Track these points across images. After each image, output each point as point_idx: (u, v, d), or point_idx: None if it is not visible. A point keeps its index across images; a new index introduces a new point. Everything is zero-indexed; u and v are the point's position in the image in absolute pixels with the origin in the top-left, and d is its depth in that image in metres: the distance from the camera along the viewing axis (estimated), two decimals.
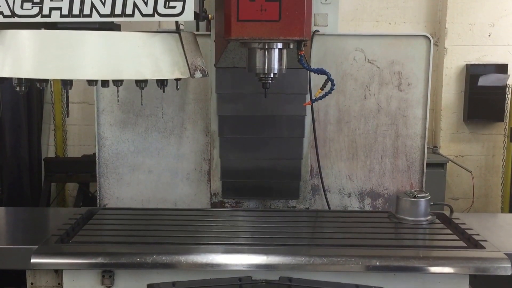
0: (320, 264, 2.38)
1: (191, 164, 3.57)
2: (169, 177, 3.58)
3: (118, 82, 2.66)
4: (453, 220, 2.94)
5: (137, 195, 3.59)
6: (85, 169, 5.62)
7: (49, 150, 6.41)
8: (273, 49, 2.61)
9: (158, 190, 3.59)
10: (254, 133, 3.34)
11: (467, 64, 6.31)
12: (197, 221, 2.90)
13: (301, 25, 2.46)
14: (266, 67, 2.64)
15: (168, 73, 2.24)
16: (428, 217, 2.88)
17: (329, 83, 2.73)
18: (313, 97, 2.91)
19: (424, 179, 3.64)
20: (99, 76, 2.19)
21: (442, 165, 5.92)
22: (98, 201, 3.60)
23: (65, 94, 5.79)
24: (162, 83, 2.42)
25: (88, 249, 2.46)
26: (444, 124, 6.47)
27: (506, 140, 6.27)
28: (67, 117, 5.30)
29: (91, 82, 2.56)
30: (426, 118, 3.56)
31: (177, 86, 2.63)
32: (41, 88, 2.56)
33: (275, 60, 2.63)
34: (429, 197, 2.88)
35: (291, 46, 2.65)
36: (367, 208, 3.62)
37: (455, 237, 2.69)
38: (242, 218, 3.00)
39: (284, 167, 3.40)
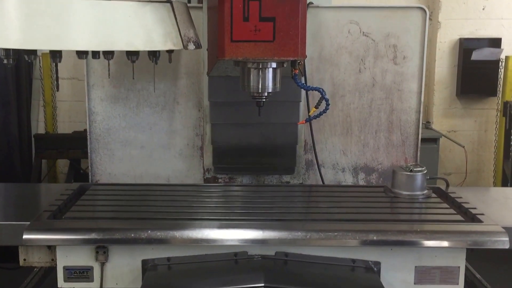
0: (316, 239, 2.36)
1: (184, 140, 3.52)
2: (161, 152, 3.53)
3: (109, 55, 2.61)
4: (449, 194, 2.93)
5: (129, 171, 3.54)
6: (76, 145, 5.55)
7: (39, 126, 6.33)
8: (267, 69, 2.61)
9: (150, 166, 3.54)
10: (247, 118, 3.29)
11: (460, 38, 6.29)
12: (191, 197, 2.86)
13: (296, 45, 2.45)
14: (260, 87, 2.63)
15: (160, 44, 2.19)
16: (425, 191, 2.86)
17: (324, 102, 2.73)
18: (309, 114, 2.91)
19: (418, 154, 3.62)
20: (90, 47, 2.13)
21: (435, 140, 5.91)
22: (90, 177, 3.55)
23: (54, 68, 5.70)
24: (154, 55, 2.35)
25: (81, 225, 2.42)
26: (437, 99, 6.44)
27: (498, 114, 6.26)
28: (57, 91, 5.21)
29: (81, 55, 2.50)
30: (421, 92, 3.52)
31: (169, 59, 2.58)
32: (29, 61, 2.49)
33: (269, 79, 2.63)
34: (425, 171, 2.85)
35: (285, 65, 2.64)
36: (361, 183, 3.60)
37: (452, 211, 2.68)
38: (236, 193, 2.97)
39: (279, 142, 3.36)
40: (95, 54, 2.41)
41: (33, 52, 2.48)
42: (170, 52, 2.58)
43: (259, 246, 2.43)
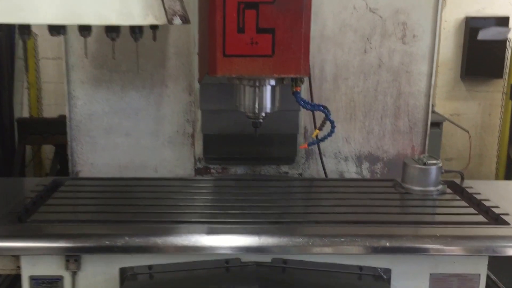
0: (320, 245, 2.06)
1: (173, 126, 3.24)
2: (149, 140, 3.25)
3: (85, 32, 2.30)
4: (466, 189, 2.64)
5: (113, 160, 3.26)
6: (62, 130, 5.16)
7: (23, 110, 6.00)
8: (264, 86, 2.34)
9: (137, 155, 3.26)
10: None
11: (466, 17, 6.03)
12: (178, 193, 2.56)
13: (298, 61, 2.18)
14: (256, 107, 2.37)
15: (139, 18, 1.87)
16: (439, 187, 2.58)
17: (328, 123, 2.50)
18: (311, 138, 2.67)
19: (427, 142, 3.36)
20: (53, 20, 1.81)
21: (438, 125, 5.63)
22: (70, 167, 3.27)
23: (38, 50, 5.39)
24: (134, 31, 2.03)
25: (48, 230, 2.12)
26: (440, 81, 6.18)
27: (504, 97, 6.02)
28: (26, 71, 4.85)
29: (53, 31, 2.20)
30: (432, 74, 3.25)
31: (154, 37, 2.27)
32: (23, 40, 2.19)
33: (267, 98, 2.37)
34: (440, 164, 2.57)
35: (286, 82, 2.36)
36: (365, 172, 3.35)
37: (472, 210, 2.40)
38: (230, 189, 2.66)
39: (278, 130, 3.07)
40: (64, 30, 2.08)
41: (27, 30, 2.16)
42: (154, 28, 2.26)
43: (255, 254, 2.14)
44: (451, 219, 2.32)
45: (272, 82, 2.33)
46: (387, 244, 2.07)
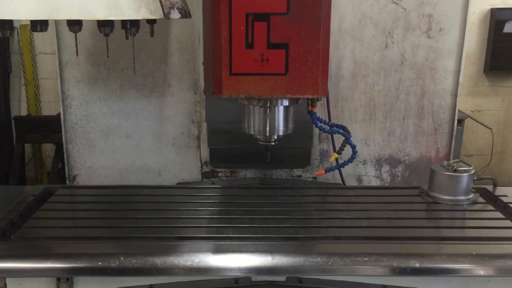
0: (341, 266, 1.80)
1: (177, 128, 2.99)
2: (150, 142, 3.01)
3: (75, 26, 2.05)
4: (499, 197, 2.37)
5: (113, 163, 3.03)
6: (61, 128, 5.00)
7: (20, 107, 5.77)
8: (276, 107, 2.08)
9: (138, 158, 3.03)
10: None
11: (492, 9, 5.76)
12: (182, 203, 2.30)
13: (315, 80, 1.94)
14: (268, 130, 2.12)
15: (130, 11, 1.61)
16: (470, 195, 2.31)
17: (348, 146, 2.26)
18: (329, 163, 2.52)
19: (453, 144, 3.09)
20: (31, 15, 1.57)
21: (459, 122, 5.35)
22: (66, 171, 3.05)
23: (34, 44, 5.14)
24: (126, 26, 1.77)
25: (34, 249, 1.86)
26: (463, 76, 5.88)
27: None
28: (10, 72, 4.61)
29: (35, 27, 1.95)
30: (459, 71, 3.00)
31: (151, 32, 2.01)
32: (4, 36, 1.96)
33: (279, 120, 2.12)
34: (472, 171, 2.30)
35: (300, 102, 2.10)
36: (385, 176, 3.12)
37: (508, 222, 2.12)
38: (238, 198, 2.38)
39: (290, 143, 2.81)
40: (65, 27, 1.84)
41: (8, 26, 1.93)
42: (150, 22, 2.01)
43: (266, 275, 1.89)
44: (486, 233, 2.04)
45: (285, 103, 2.08)
46: (417, 265, 1.81)
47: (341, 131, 2.24)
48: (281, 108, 2.10)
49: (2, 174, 5.22)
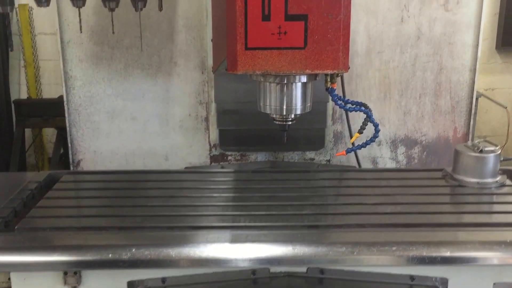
0: (368, 256, 1.69)
1: (185, 109, 2.88)
2: (157, 125, 2.90)
3: (78, 1, 1.93)
4: None
5: (118, 147, 2.92)
6: (63, 112, 4.88)
7: (20, 90, 5.62)
8: (294, 84, 1.96)
9: (144, 141, 2.92)
10: None
11: None
12: (193, 189, 2.18)
13: (336, 54, 1.81)
14: (285, 108, 2.00)
15: None
16: (497, 178, 2.20)
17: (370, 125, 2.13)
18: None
19: (471, 123, 2.98)
20: None
21: None
22: (70, 156, 2.94)
23: (34, 24, 4.99)
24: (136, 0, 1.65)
25: (40, 241, 1.74)
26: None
27: None
28: (11, 51, 4.47)
29: (40, 1, 1.82)
30: (478, 45, 2.87)
31: (160, 5, 1.88)
32: (3, 13, 1.85)
33: (297, 98, 2.00)
34: (499, 151, 2.18)
35: (319, 78, 1.97)
36: (401, 158, 3.01)
37: None
38: (252, 183, 2.27)
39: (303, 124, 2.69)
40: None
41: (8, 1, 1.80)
42: None
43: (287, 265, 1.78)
44: None
45: (303, 79, 1.96)
46: (448, 254, 1.70)
47: (363, 109, 2.12)
48: (299, 85, 1.98)
49: (2, 161, 5.10)
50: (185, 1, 2.69)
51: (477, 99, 5.16)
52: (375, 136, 2.15)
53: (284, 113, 2.03)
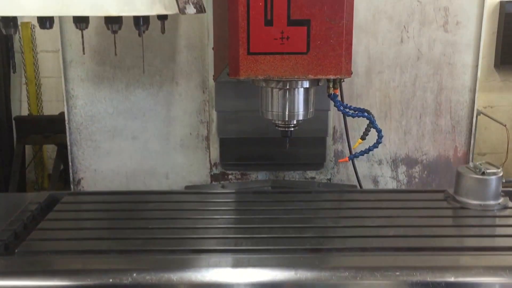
0: (371, 281, 1.67)
1: (186, 128, 2.88)
2: (157, 144, 2.90)
3: (82, 23, 1.93)
4: None
5: (119, 166, 2.92)
6: (64, 128, 4.87)
7: (21, 107, 5.64)
8: (296, 89, 1.97)
9: (145, 160, 2.92)
10: None
11: (501, 1, 5.65)
12: (194, 211, 2.17)
13: (339, 59, 1.85)
14: (287, 114, 2.01)
15: (144, 6, 1.50)
16: (499, 200, 2.19)
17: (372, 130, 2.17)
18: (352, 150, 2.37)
19: (472, 142, 2.99)
20: (39, 11, 1.45)
21: None
22: (71, 175, 2.93)
23: (36, 42, 5.01)
24: (139, 23, 1.65)
25: (40, 265, 1.72)
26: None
27: None
28: (13, 72, 4.50)
29: (44, 23, 1.83)
30: (477, 66, 2.89)
31: (162, 28, 1.89)
32: (7, 34, 1.85)
33: (299, 103, 2.01)
34: (501, 173, 2.18)
35: (322, 83, 1.99)
36: (401, 177, 3.01)
37: None
38: (254, 204, 2.26)
39: (305, 131, 2.69)
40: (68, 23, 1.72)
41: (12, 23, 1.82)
42: (162, 18, 1.89)
43: None
44: None
45: (306, 84, 1.97)
46: (452, 279, 1.69)
47: (366, 114, 2.12)
48: (301, 91, 1.99)
49: (2, 177, 5.09)
50: (187, 22, 2.71)
51: (476, 117, 5.19)
52: (378, 142, 2.16)
53: (286, 119, 2.04)
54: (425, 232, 1.99)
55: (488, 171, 2.18)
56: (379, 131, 2.13)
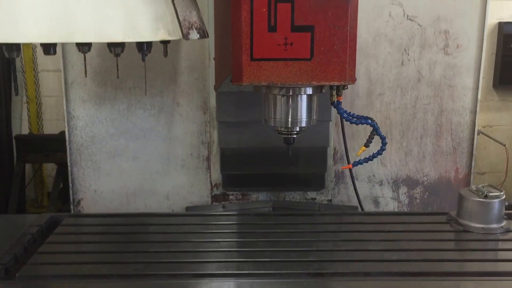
0: None
1: (187, 149, 2.88)
2: (158, 164, 2.89)
3: (84, 47, 1.94)
4: None
5: (119, 187, 2.91)
6: (64, 147, 4.87)
7: (22, 126, 5.63)
8: (300, 96, 1.96)
9: (145, 181, 2.91)
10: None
11: (499, 22, 5.66)
12: (196, 234, 2.16)
13: (343, 65, 1.82)
14: (290, 120, 2.00)
15: (148, 32, 1.50)
16: (502, 223, 2.18)
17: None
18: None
19: (473, 163, 2.98)
20: (44, 38, 1.45)
21: None
22: (71, 195, 2.92)
23: (37, 61, 5.02)
24: (142, 48, 1.66)
25: None
26: None
27: None
28: (16, 95, 4.51)
29: (48, 49, 1.83)
30: (478, 88, 2.90)
31: (165, 52, 1.90)
32: (10, 58, 1.85)
33: (302, 110, 2.00)
34: (504, 196, 2.18)
35: (325, 90, 1.98)
36: (402, 198, 3.00)
37: None
38: (255, 227, 2.24)
39: (305, 151, 2.71)
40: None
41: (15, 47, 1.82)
42: (165, 42, 1.90)
43: None
44: None
45: (309, 91, 1.96)
46: None
47: (370, 121, 2.12)
48: (304, 97, 1.98)
49: (2, 195, 5.08)
50: (188, 44, 2.72)
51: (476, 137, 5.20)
52: (382, 149, 2.15)
53: (289, 125, 2.03)
54: (429, 256, 1.97)
55: (490, 194, 2.17)
56: (383, 138, 2.12)
